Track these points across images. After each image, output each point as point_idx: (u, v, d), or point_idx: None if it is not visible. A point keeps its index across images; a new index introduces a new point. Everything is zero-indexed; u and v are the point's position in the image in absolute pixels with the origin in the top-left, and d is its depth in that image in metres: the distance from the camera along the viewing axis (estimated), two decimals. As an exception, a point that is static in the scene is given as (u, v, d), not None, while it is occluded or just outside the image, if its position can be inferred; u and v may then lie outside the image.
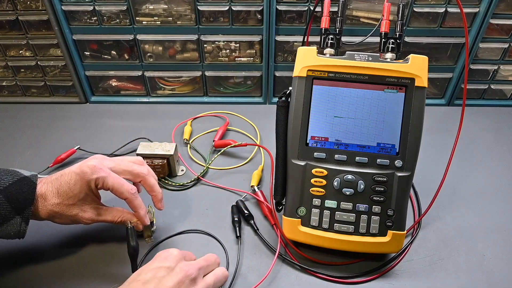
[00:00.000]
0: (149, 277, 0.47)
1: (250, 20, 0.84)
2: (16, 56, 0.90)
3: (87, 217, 0.56)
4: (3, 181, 0.51)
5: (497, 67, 0.90)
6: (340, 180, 0.57)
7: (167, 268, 0.48)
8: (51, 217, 0.54)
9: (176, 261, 0.49)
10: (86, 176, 0.54)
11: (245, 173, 0.76)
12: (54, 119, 0.91)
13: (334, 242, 0.58)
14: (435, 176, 0.65)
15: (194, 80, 0.94)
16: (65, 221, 0.56)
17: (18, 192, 0.51)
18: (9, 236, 0.51)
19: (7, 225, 0.50)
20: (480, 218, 0.68)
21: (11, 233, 0.51)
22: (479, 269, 0.60)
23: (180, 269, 0.48)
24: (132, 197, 0.56)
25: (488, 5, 0.79)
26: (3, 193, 0.50)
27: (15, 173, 0.53)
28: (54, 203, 0.53)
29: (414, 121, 0.56)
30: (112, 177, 0.55)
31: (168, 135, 0.85)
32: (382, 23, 0.60)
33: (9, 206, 0.50)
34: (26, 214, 0.51)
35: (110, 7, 0.81)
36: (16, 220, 0.51)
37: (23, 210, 0.51)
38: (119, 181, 0.55)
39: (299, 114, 0.58)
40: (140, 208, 0.58)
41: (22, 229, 0.51)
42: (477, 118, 0.91)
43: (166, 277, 0.47)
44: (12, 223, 0.51)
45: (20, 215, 0.51)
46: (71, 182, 0.54)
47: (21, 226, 0.51)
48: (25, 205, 0.51)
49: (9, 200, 0.50)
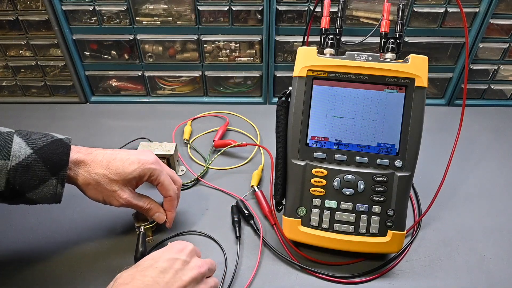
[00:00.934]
0: (166, 267, 0.46)
1: (250, 20, 0.84)
2: (16, 56, 0.90)
3: (124, 197, 0.56)
4: (38, 142, 0.50)
5: (497, 67, 0.90)
6: (340, 180, 0.57)
7: (183, 262, 0.48)
8: (87, 185, 0.54)
9: (191, 256, 0.50)
10: (147, 163, 0.56)
11: (245, 173, 0.76)
12: (54, 119, 0.91)
13: (334, 242, 0.58)
14: (435, 176, 0.65)
15: (194, 80, 0.94)
16: (98, 196, 0.55)
17: (53, 153, 0.50)
18: (46, 199, 0.51)
19: (43, 187, 0.50)
20: (480, 218, 0.68)
21: (47, 195, 0.50)
22: (479, 269, 0.60)
23: (195, 265, 0.49)
24: (174, 196, 0.60)
25: (488, 5, 0.79)
26: (38, 153, 0.49)
27: (48, 135, 0.52)
28: (99, 173, 0.53)
29: (414, 121, 0.56)
30: (165, 173, 0.59)
31: (168, 135, 0.85)
32: (382, 23, 0.60)
33: (44, 167, 0.49)
34: (62, 176, 0.51)
35: (110, 7, 0.81)
36: (52, 182, 0.50)
37: (59, 172, 0.50)
38: (169, 179, 0.59)
39: (299, 114, 0.58)
40: (174, 209, 0.62)
41: (59, 192, 0.51)
42: (477, 118, 0.91)
43: (183, 271, 0.47)
44: (48, 185, 0.50)
45: (56, 176, 0.50)
46: (127, 162, 0.55)
47: (57, 188, 0.51)
48: (61, 166, 0.51)
49: (44, 161, 0.49)
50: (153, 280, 0.44)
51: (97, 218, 0.66)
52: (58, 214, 0.65)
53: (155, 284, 0.44)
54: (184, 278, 0.46)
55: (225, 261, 0.60)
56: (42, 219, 0.64)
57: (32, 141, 0.50)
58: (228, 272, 0.58)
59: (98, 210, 0.63)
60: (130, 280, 0.44)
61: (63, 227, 0.64)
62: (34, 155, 0.49)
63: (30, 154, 0.49)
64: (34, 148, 0.49)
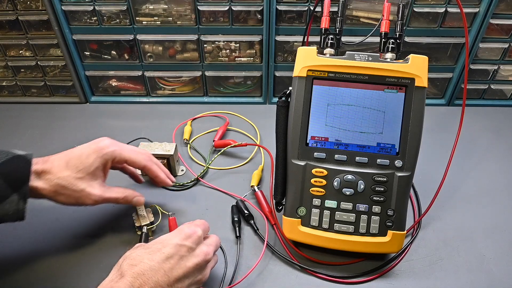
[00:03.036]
0: (172, 253, 0.47)
1: (250, 20, 0.84)
2: (16, 56, 0.90)
3: (95, 193, 0.55)
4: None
5: (497, 67, 0.89)
6: (340, 180, 0.57)
7: (189, 249, 0.49)
8: (55, 193, 0.53)
9: (198, 243, 0.50)
10: (103, 149, 0.55)
11: (245, 173, 0.76)
12: (54, 119, 0.91)
13: (334, 242, 0.58)
14: (435, 176, 0.65)
15: (194, 80, 0.94)
16: (69, 200, 0.54)
17: (14, 169, 0.50)
18: (7, 217, 0.50)
19: (4, 204, 0.49)
20: (480, 218, 0.68)
21: (9, 212, 0.49)
22: (479, 269, 0.60)
23: (201, 251, 0.50)
24: (150, 163, 0.60)
25: (488, 5, 0.79)
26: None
27: (8, 152, 0.52)
28: (61, 176, 0.53)
29: (414, 121, 0.56)
30: (127, 149, 0.58)
31: (168, 135, 0.85)
32: (382, 23, 0.61)
33: (4, 183, 0.49)
34: (23, 191, 0.50)
35: (110, 7, 0.81)
36: (13, 198, 0.49)
37: (20, 187, 0.50)
38: (134, 152, 0.59)
39: (299, 114, 0.58)
40: (159, 172, 0.62)
41: (21, 208, 0.50)
42: (477, 118, 0.91)
43: (187, 257, 0.48)
44: (9, 201, 0.49)
45: (17, 192, 0.49)
46: (83, 156, 0.54)
47: (19, 205, 0.50)
48: (22, 181, 0.50)
49: (4, 177, 0.49)
50: (159, 265, 0.46)
51: (96, 217, 0.66)
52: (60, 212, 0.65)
53: (160, 269, 0.45)
54: (187, 265, 0.48)
55: (225, 261, 0.60)
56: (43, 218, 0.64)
57: None
58: (228, 272, 0.58)
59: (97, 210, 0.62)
60: (138, 262, 0.45)
61: (63, 227, 0.64)
62: None
63: None
64: None
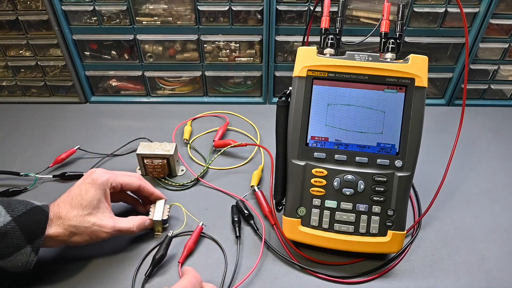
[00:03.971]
0: None
1: (250, 20, 0.84)
2: (16, 56, 0.90)
3: (105, 224, 0.55)
4: (17, 209, 0.50)
5: (497, 67, 0.89)
6: (340, 180, 0.57)
7: None
8: (70, 235, 0.53)
9: None
10: (97, 180, 0.56)
11: (245, 173, 0.76)
12: (54, 119, 0.91)
13: (334, 242, 0.58)
14: (435, 176, 0.65)
15: (194, 80, 0.94)
16: (84, 238, 0.54)
17: (32, 221, 0.50)
18: (16, 268, 0.49)
19: (17, 255, 0.49)
20: (480, 218, 0.68)
21: (19, 263, 0.49)
22: (479, 269, 0.60)
23: None
24: (143, 181, 0.62)
25: (488, 5, 0.79)
26: (17, 221, 0.49)
27: (27, 202, 0.52)
28: (70, 217, 0.53)
29: (414, 121, 0.56)
30: (119, 174, 0.61)
31: (168, 135, 0.85)
32: (382, 23, 0.60)
33: (21, 235, 0.49)
34: (37, 244, 0.50)
35: (110, 7, 0.81)
36: (26, 250, 0.49)
37: (35, 239, 0.50)
38: (126, 174, 0.61)
39: (299, 114, 0.58)
40: (154, 188, 0.64)
41: (31, 260, 0.50)
42: (477, 118, 0.91)
43: None
44: (22, 253, 0.49)
45: (31, 244, 0.50)
46: (82, 192, 0.55)
47: (30, 257, 0.50)
48: (38, 233, 0.50)
49: (22, 228, 0.49)
50: None
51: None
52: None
53: None
54: None
55: (225, 261, 0.60)
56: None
57: (12, 208, 0.50)
58: (228, 272, 0.58)
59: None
60: None
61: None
62: (13, 223, 0.49)
63: (9, 221, 0.49)
64: (13, 215, 0.49)
